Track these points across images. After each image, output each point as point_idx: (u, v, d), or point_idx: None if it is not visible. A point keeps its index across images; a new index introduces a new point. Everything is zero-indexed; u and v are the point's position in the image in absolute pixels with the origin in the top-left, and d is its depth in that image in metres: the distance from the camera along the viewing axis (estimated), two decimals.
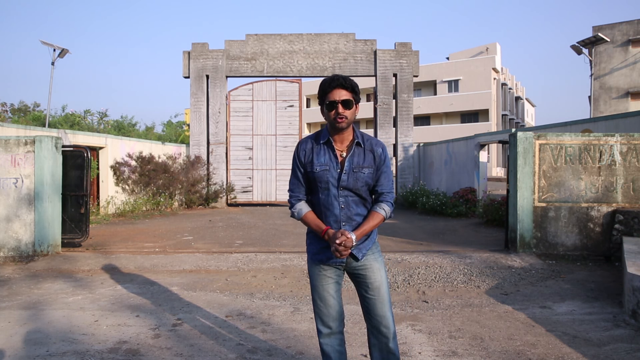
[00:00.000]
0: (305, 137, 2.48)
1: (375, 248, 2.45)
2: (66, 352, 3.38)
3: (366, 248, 2.38)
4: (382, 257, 2.47)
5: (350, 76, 16.72)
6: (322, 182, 2.35)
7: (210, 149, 14.79)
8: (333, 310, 2.40)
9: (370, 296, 2.38)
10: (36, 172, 6.69)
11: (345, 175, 2.34)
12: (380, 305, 2.37)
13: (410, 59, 14.90)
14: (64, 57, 16.66)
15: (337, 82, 2.30)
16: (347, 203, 2.35)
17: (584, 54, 22.24)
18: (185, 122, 32.86)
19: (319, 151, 2.39)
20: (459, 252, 6.78)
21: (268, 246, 7.63)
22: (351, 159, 2.36)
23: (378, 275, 2.38)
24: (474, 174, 12.77)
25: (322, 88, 2.34)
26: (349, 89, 2.30)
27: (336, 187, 2.34)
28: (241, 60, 14.82)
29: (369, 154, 2.39)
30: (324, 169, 2.35)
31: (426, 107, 41.83)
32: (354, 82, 2.34)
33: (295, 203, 2.43)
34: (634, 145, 6.50)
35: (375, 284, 2.37)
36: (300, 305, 4.55)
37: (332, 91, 2.30)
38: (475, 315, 4.21)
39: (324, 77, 14.98)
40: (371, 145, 2.41)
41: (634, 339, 3.60)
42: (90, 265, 6.20)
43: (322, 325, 2.42)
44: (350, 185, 2.34)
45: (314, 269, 2.43)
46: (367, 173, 2.36)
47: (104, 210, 11.96)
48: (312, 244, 2.45)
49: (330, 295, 2.39)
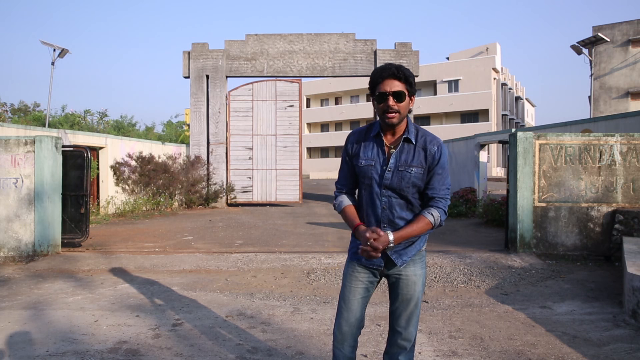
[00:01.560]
0: (357, 128, 2.30)
1: (420, 258, 2.25)
2: (66, 352, 3.39)
3: (408, 255, 2.19)
4: (424, 270, 2.28)
5: (350, 76, 16.54)
6: (366, 177, 2.17)
7: (210, 149, 14.79)
8: (352, 316, 2.25)
9: (397, 307, 2.27)
10: (36, 172, 6.69)
11: (390, 173, 2.13)
12: (405, 319, 2.26)
13: (410, 59, 14.90)
14: (64, 57, 16.69)
15: (389, 71, 2.07)
16: (390, 204, 2.15)
17: (584, 54, 22.25)
18: (185, 122, 32.89)
19: (368, 144, 2.19)
20: (459, 252, 6.78)
21: (268, 246, 7.63)
22: (398, 156, 2.14)
23: (412, 289, 2.22)
24: (474, 174, 12.77)
25: (372, 78, 2.12)
26: (402, 79, 2.07)
27: (379, 184, 2.15)
28: (241, 60, 14.82)
29: (421, 152, 2.14)
30: (369, 164, 2.16)
31: (426, 107, 41.84)
32: (409, 71, 2.10)
33: (338, 195, 2.29)
34: (634, 145, 6.50)
35: (406, 296, 2.23)
36: (300, 305, 4.55)
37: (383, 82, 2.08)
38: (475, 315, 4.21)
39: (324, 77, 15.00)
40: (424, 143, 2.15)
41: (634, 339, 3.60)
42: (90, 265, 6.20)
43: (337, 327, 2.29)
44: (394, 184, 2.13)
45: (348, 267, 2.31)
46: (414, 172, 2.12)
47: (104, 210, 11.96)
48: (354, 241, 2.30)
49: (355, 299, 2.25)
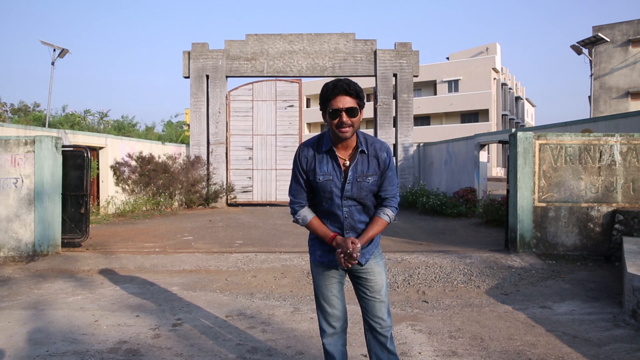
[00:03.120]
0: (307, 142, 2.35)
1: (378, 252, 2.42)
2: (66, 352, 3.39)
3: (369, 253, 2.34)
4: (383, 260, 2.45)
5: (350, 76, 16.58)
6: (326, 192, 2.26)
7: (210, 149, 14.79)
8: (337, 310, 2.38)
9: (370, 298, 2.37)
10: (36, 172, 6.69)
11: (349, 185, 2.24)
12: (379, 307, 2.36)
13: (410, 59, 14.90)
14: (64, 57, 16.68)
15: (341, 88, 2.13)
16: (350, 212, 2.28)
17: (584, 54, 22.25)
18: (185, 122, 32.88)
19: (322, 159, 2.27)
20: (459, 252, 6.78)
21: (268, 246, 7.63)
22: (355, 168, 2.24)
23: (379, 279, 2.37)
24: (474, 174, 12.77)
25: (323, 94, 2.18)
26: (353, 95, 2.14)
27: (340, 197, 2.26)
28: (241, 60, 14.82)
29: (373, 161, 2.27)
30: (327, 179, 2.25)
31: (426, 107, 41.85)
32: (359, 86, 2.18)
33: (299, 209, 2.35)
34: (634, 145, 6.50)
35: (376, 287, 2.36)
36: (300, 305, 4.55)
37: (335, 98, 2.13)
38: (475, 315, 4.21)
39: (324, 77, 14.98)
40: (375, 151, 2.28)
41: (634, 339, 3.60)
42: (90, 265, 6.20)
43: (326, 325, 2.40)
44: (355, 195, 2.25)
45: (316, 269, 2.42)
46: (371, 181, 2.26)
47: (104, 210, 11.96)
48: (315, 245, 2.42)
49: (334, 295, 2.38)
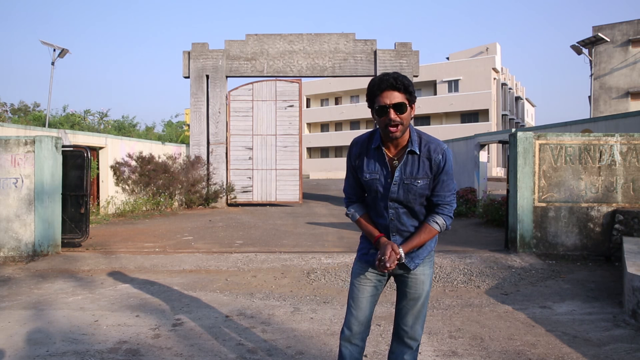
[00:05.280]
0: (359, 137, 2.24)
1: (429, 259, 2.27)
2: (66, 352, 3.39)
3: (419, 258, 2.21)
4: (432, 269, 2.30)
5: (350, 76, 16.56)
6: (372, 190, 2.16)
7: (210, 149, 14.80)
8: (361, 314, 2.25)
9: (404, 305, 2.27)
10: (36, 172, 6.69)
11: (395, 187, 2.10)
12: (412, 317, 2.27)
13: (410, 59, 14.90)
14: (64, 57, 16.66)
15: (387, 82, 1.98)
16: (397, 215, 2.15)
17: (584, 54, 22.25)
18: (185, 122, 32.86)
19: (370, 157, 2.15)
20: (459, 252, 6.78)
21: (268, 246, 7.63)
22: (402, 169, 2.09)
23: (421, 288, 2.24)
24: (474, 174, 12.78)
25: (370, 90, 2.04)
26: (401, 89, 1.98)
27: (385, 198, 2.13)
28: (241, 60, 14.82)
29: (425, 162, 2.09)
30: (373, 178, 2.13)
31: (426, 107, 41.84)
32: (408, 79, 2.01)
33: (350, 205, 2.29)
34: (634, 145, 6.50)
35: (415, 295, 2.24)
36: (300, 305, 4.55)
37: (381, 94, 1.99)
38: (475, 315, 4.21)
39: (324, 77, 14.98)
40: (429, 152, 2.09)
41: (634, 339, 3.60)
42: (90, 265, 6.20)
43: (346, 326, 2.28)
44: (401, 197, 2.11)
45: (358, 265, 2.31)
46: (421, 184, 2.10)
47: (104, 210, 11.96)
48: (363, 242, 2.32)
49: (363, 297, 2.25)
